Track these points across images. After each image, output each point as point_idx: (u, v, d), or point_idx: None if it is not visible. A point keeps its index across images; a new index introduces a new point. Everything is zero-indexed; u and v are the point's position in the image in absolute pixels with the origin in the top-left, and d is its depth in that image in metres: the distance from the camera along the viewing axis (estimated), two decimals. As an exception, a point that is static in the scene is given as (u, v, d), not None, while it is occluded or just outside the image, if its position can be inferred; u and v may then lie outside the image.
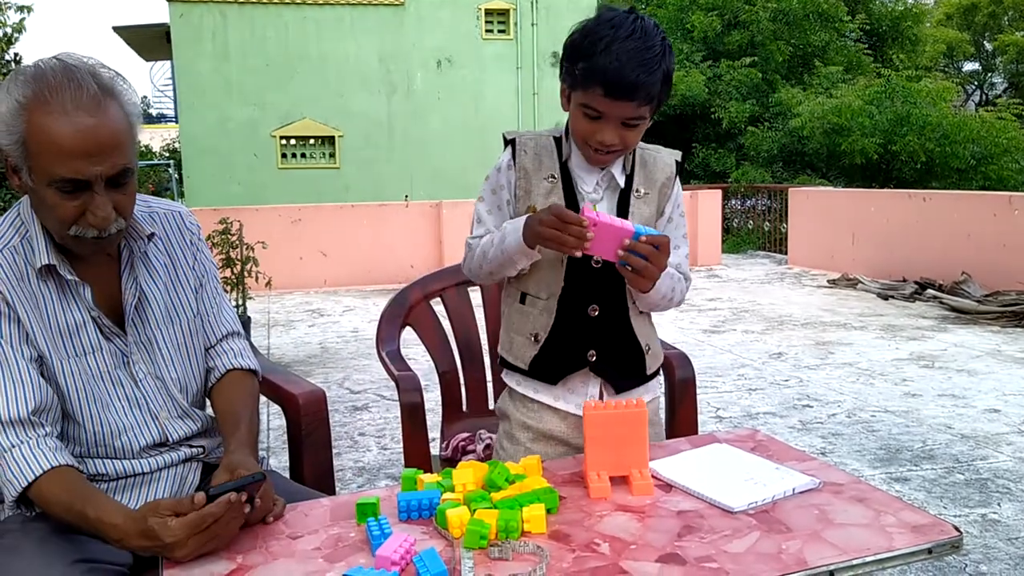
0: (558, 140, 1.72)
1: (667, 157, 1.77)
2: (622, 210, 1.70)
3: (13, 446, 1.38)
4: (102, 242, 1.44)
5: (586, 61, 1.56)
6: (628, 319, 1.72)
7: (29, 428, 1.40)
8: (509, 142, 1.74)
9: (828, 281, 9.04)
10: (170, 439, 1.59)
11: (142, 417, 1.56)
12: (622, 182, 1.71)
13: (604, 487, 1.42)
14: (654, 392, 1.82)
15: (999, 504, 3.18)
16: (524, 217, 1.62)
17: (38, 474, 1.37)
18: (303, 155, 15.66)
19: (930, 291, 7.65)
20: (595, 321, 1.70)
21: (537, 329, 1.72)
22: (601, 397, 1.73)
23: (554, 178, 1.69)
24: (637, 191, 1.72)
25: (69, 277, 1.48)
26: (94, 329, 1.51)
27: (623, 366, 1.74)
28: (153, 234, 1.59)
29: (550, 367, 1.73)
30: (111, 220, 1.41)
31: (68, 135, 1.33)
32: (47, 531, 1.41)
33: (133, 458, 1.55)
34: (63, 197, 1.37)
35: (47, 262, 1.46)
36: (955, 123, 14.06)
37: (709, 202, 10.91)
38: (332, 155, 15.67)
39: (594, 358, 1.70)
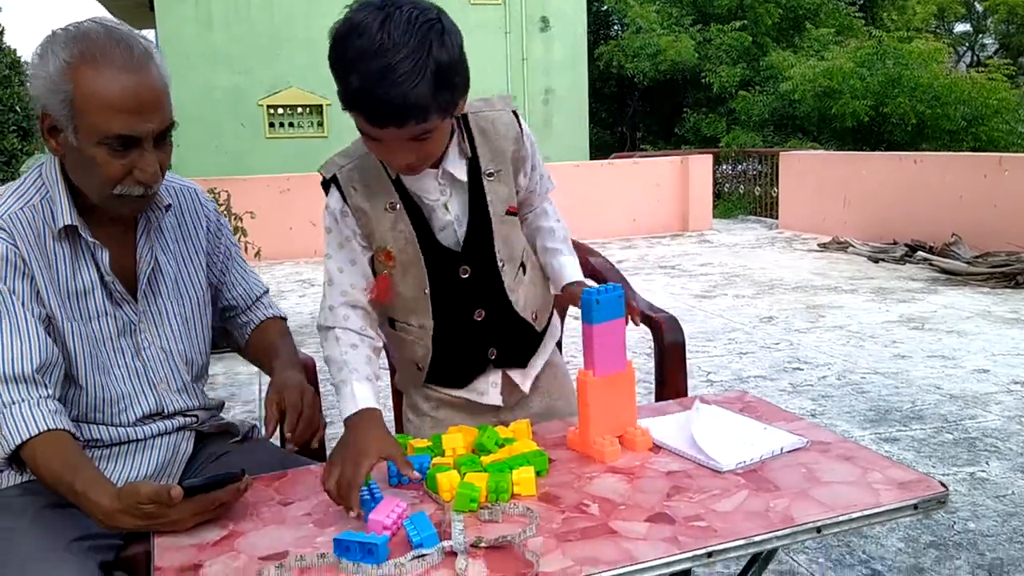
0: None
1: (504, 116, 1.56)
2: (478, 200, 1.54)
3: (13, 403, 1.37)
4: (142, 201, 1.46)
5: (338, 81, 1.32)
6: (514, 312, 1.63)
7: (32, 386, 1.39)
8: (331, 181, 1.54)
9: (819, 245, 9.05)
10: (166, 410, 1.59)
11: (141, 387, 1.56)
12: (464, 174, 1.52)
13: (616, 450, 1.42)
14: (546, 353, 1.75)
15: (987, 462, 3.21)
16: (359, 407, 1.39)
17: (34, 434, 1.36)
18: (291, 124, 15.52)
19: (920, 253, 7.67)
20: (483, 324, 1.61)
21: (416, 359, 1.65)
22: (504, 388, 1.68)
23: (394, 205, 1.52)
24: (488, 173, 1.54)
25: (89, 239, 1.47)
26: (103, 294, 1.51)
27: (521, 348, 1.70)
28: (170, 205, 1.60)
29: (449, 377, 1.67)
30: (159, 177, 1.43)
31: (119, 92, 1.35)
32: (42, 506, 1.41)
33: (128, 426, 1.55)
34: (112, 155, 1.38)
35: (69, 223, 1.45)
36: (946, 85, 14.01)
37: (700, 167, 10.88)
38: (320, 124, 15.54)
39: (495, 356, 1.65)
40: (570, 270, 1.65)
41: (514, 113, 1.58)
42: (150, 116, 1.38)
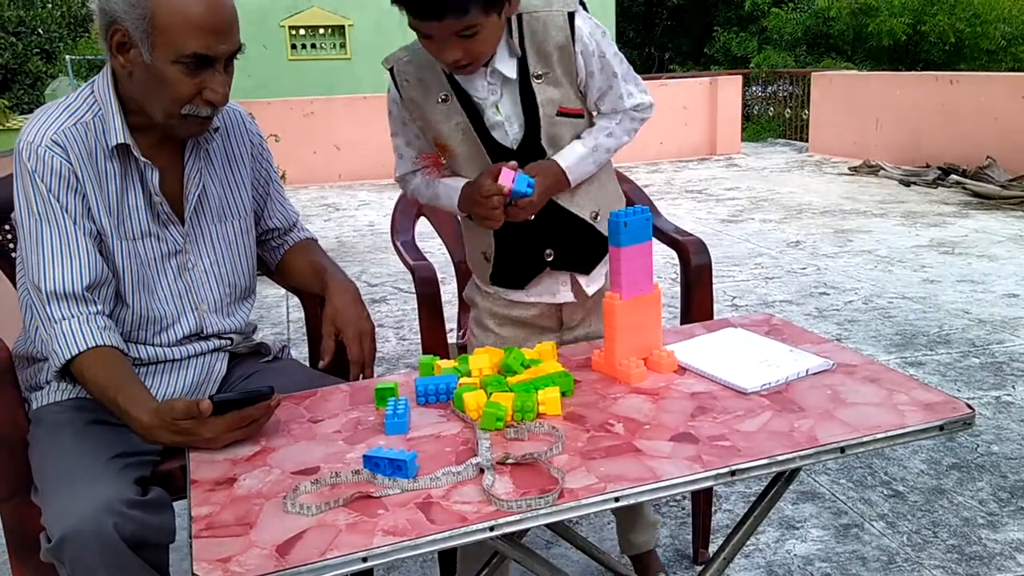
0: None
1: (556, 18, 1.52)
2: (528, 100, 1.55)
3: (64, 319, 1.41)
4: (206, 123, 1.47)
5: None
6: (569, 213, 1.62)
7: (81, 303, 1.42)
8: (389, 71, 1.60)
9: (849, 168, 8.89)
10: (205, 332, 1.62)
11: (183, 307, 1.59)
12: (514, 72, 1.53)
13: (641, 372, 1.43)
14: None
15: (1013, 387, 3.20)
16: (460, 187, 1.57)
17: (83, 349, 1.40)
18: (313, 45, 15.31)
19: (953, 177, 7.52)
20: (538, 221, 1.60)
21: (484, 248, 1.67)
22: (574, 287, 1.68)
23: (446, 98, 1.56)
24: (536, 75, 1.54)
25: (141, 159, 1.48)
26: (148, 214, 1.52)
27: (582, 250, 1.66)
28: (218, 128, 1.60)
29: (511, 277, 1.68)
30: (227, 99, 1.45)
31: (201, 11, 1.36)
32: (84, 423, 1.45)
33: (167, 346, 1.58)
34: (185, 74, 1.39)
35: (122, 141, 1.46)
36: (986, 1, 13.51)
37: (729, 89, 10.64)
38: (343, 45, 15.30)
39: (552, 257, 1.64)
40: (564, 154, 1.57)
41: (571, 16, 1.53)
42: (226, 37, 1.39)
